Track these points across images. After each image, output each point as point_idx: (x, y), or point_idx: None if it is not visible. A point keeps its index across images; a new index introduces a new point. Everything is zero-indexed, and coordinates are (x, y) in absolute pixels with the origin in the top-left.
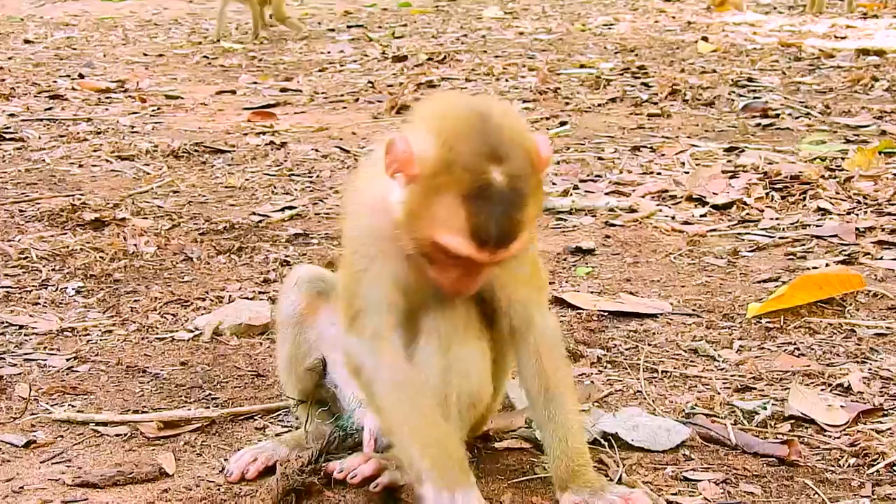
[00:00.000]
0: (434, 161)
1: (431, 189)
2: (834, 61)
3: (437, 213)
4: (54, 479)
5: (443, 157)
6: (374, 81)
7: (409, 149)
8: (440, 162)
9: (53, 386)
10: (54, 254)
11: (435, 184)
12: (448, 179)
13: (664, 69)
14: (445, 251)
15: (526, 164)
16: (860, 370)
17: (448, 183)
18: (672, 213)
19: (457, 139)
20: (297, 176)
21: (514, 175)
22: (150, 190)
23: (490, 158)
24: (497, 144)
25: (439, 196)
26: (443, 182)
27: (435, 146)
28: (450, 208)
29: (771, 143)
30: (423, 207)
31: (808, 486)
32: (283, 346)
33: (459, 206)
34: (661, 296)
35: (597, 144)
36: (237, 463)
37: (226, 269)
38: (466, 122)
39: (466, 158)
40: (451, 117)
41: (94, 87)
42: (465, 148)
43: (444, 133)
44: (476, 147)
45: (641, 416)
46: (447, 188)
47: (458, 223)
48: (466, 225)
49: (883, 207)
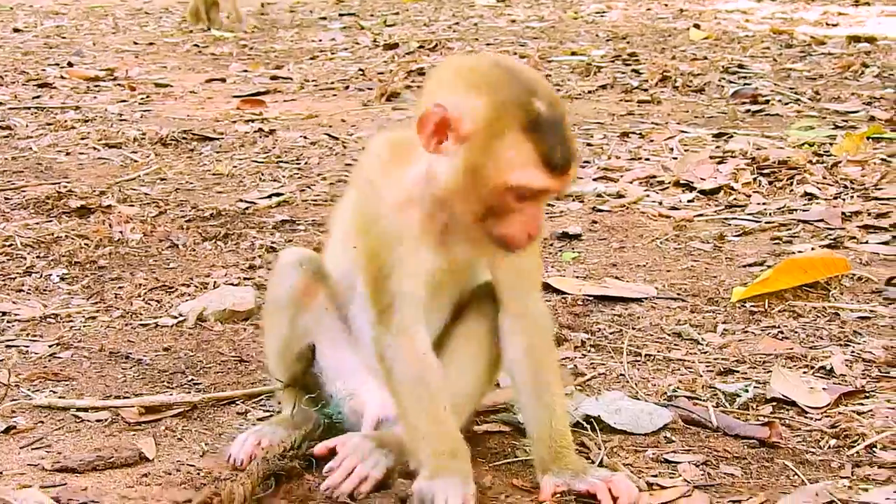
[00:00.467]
0: (485, 109)
1: (490, 136)
2: (825, 48)
3: (502, 155)
4: (34, 465)
5: (492, 102)
6: (365, 69)
7: (451, 110)
8: (491, 107)
9: (35, 372)
10: (39, 241)
11: (493, 130)
12: (505, 120)
13: (655, 56)
14: (518, 192)
15: (553, 91)
16: (843, 353)
17: (505, 124)
18: (660, 198)
19: (496, 84)
20: (285, 163)
21: (552, 102)
22: (137, 177)
23: (529, 93)
24: (527, 80)
25: (500, 139)
26: (500, 125)
27: (479, 96)
28: (515, 145)
29: (760, 129)
30: (485, 158)
31: (789, 467)
32: (275, 328)
33: (524, 140)
34: (647, 280)
35: (586, 131)
36: (243, 447)
37: (211, 255)
38: (492, 69)
39: (513, 96)
40: (476, 71)
41: (82, 76)
42: (507, 89)
43: (481, 83)
44: (515, 85)
45: (624, 399)
46: (507, 129)
47: (527, 156)
48: (536, 154)
49: (869, 192)
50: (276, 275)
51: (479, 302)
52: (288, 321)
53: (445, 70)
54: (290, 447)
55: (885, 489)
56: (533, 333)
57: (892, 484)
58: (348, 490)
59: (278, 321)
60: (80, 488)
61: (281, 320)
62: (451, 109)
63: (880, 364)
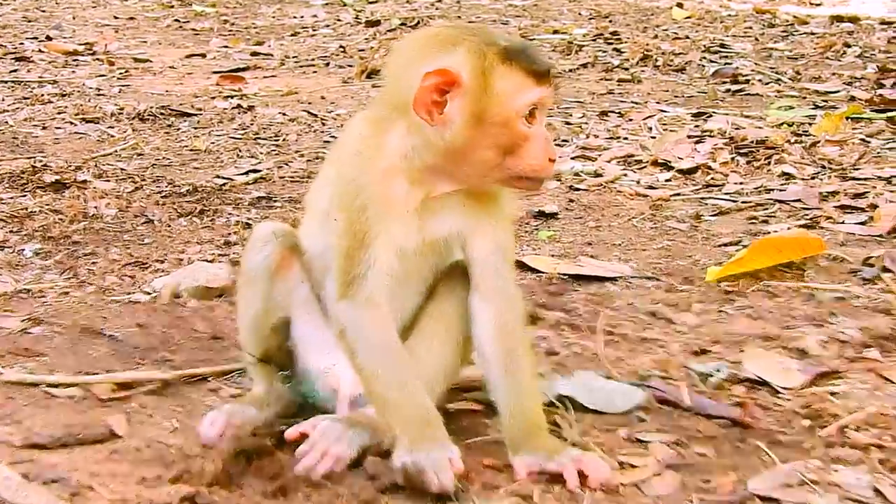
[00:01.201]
0: (470, 58)
1: (484, 77)
2: (807, 28)
3: (500, 88)
4: (2, 441)
5: (472, 50)
6: (346, 46)
7: (448, 69)
8: (476, 55)
9: (6, 348)
10: (12, 216)
11: (484, 71)
12: (490, 60)
13: (637, 35)
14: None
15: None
16: (818, 334)
17: (490, 61)
18: (637, 177)
19: (461, 37)
20: (264, 139)
21: (506, 33)
22: (113, 153)
23: (487, 34)
24: (477, 27)
25: (492, 76)
26: (488, 66)
27: (458, 51)
28: (506, 74)
29: (739, 108)
30: (487, 97)
31: (760, 447)
32: (250, 300)
33: (510, 67)
34: (622, 259)
35: (565, 109)
36: (214, 426)
37: (187, 231)
38: (448, 30)
39: (487, 41)
40: (438, 36)
41: (61, 50)
42: (478, 37)
43: (449, 42)
44: (482, 33)
45: (597, 379)
46: (494, 64)
47: (518, 77)
48: (523, 73)
49: (847, 172)
50: (252, 247)
51: (451, 281)
52: (263, 293)
53: (408, 47)
54: (262, 425)
55: (857, 470)
56: (504, 313)
57: (864, 465)
58: (323, 471)
59: (253, 293)
60: (50, 464)
61: (255, 292)
62: (448, 70)
63: (855, 345)
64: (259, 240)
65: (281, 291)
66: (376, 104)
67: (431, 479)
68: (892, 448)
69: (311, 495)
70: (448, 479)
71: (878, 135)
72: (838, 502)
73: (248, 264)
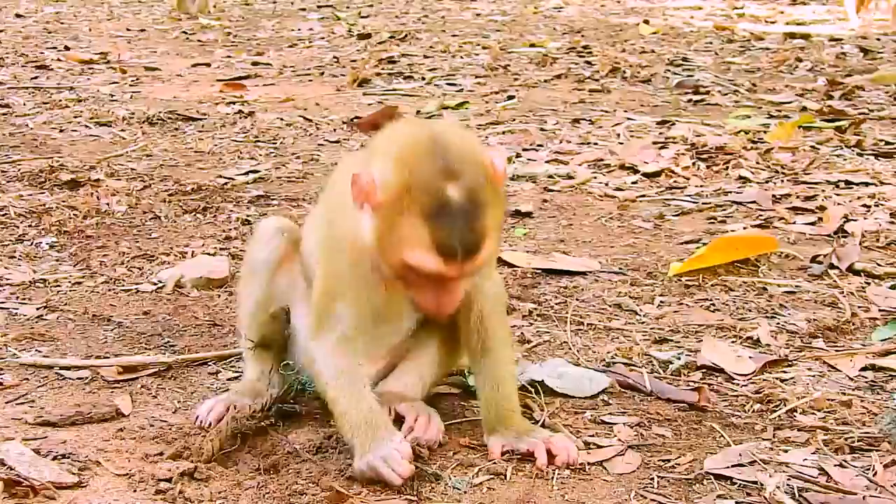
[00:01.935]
0: (394, 186)
1: (395, 212)
2: (763, 43)
3: (403, 234)
4: (17, 419)
5: (401, 181)
6: (339, 57)
7: (372, 179)
8: (399, 186)
9: (23, 333)
10: (31, 211)
11: (398, 207)
12: (409, 201)
13: (607, 49)
14: (417, 270)
15: (480, 178)
16: (769, 324)
17: (409, 204)
18: (606, 179)
19: (412, 162)
20: (263, 142)
21: (470, 189)
22: (124, 153)
23: (445, 177)
24: (451, 163)
25: (403, 218)
26: (404, 204)
27: (393, 172)
28: (413, 228)
29: (700, 117)
30: (390, 231)
31: (715, 429)
32: (252, 290)
33: (422, 225)
34: (592, 255)
35: (540, 117)
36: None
37: (191, 227)
38: (420, 145)
39: (423, 179)
40: (405, 143)
41: (78, 59)
42: (420, 169)
43: (401, 158)
44: (431, 167)
45: (566, 365)
46: (409, 209)
47: (424, 241)
48: (431, 242)
49: (799, 176)
50: (258, 238)
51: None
52: (265, 282)
53: (387, 134)
54: (260, 409)
55: (804, 450)
56: (485, 303)
57: (811, 446)
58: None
59: (255, 282)
60: (60, 441)
61: (258, 281)
62: (371, 178)
63: (803, 335)
64: (265, 233)
65: (283, 282)
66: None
67: (389, 475)
68: (836, 430)
69: (301, 471)
70: (402, 468)
71: (827, 142)
72: (786, 480)
73: (253, 256)
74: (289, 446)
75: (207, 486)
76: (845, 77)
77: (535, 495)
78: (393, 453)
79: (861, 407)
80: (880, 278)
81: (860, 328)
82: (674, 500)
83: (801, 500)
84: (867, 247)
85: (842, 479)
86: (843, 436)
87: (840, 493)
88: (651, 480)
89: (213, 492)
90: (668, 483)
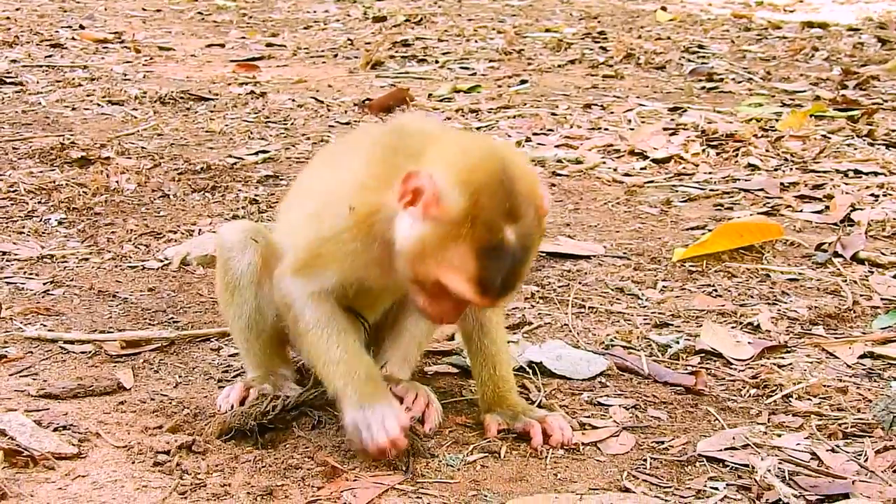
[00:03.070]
0: (457, 210)
1: (449, 235)
2: (780, 32)
3: (449, 257)
4: (20, 391)
5: (467, 209)
6: (354, 39)
7: (436, 189)
8: (464, 213)
9: (29, 307)
10: (41, 188)
11: (454, 232)
12: (468, 232)
13: (622, 35)
14: (445, 289)
15: (535, 222)
16: (770, 311)
17: (467, 235)
18: (615, 165)
19: (481, 192)
20: (273, 123)
21: (525, 234)
22: (136, 132)
23: (507, 217)
24: (515, 203)
25: (455, 244)
26: (462, 233)
27: (460, 194)
28: (463, 258)
29: (713, 104)
30: (435, 248)
31: (711, 413)
32: (241, 310)
33: (473, 258)
34: (597, 239)
35: (552, 101)
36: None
37: (199, 205)
38: (492, 175)
39: (488, 215)
40: (476, 167)
41: (92, 38)
42: (488, 204)
43: (470, 183)
44: (498, 205)
45: (565, 347)
46: (465, 239)
47: (468, 273)
48: (476, 276)
49: (808, 165)
50: (229, 254)
51: None
52: (251, 299)
53: (457, 143)
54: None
55: (797, 435)
56: None
57: (804, 431)
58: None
59: (240, 300)
60: (61, 413)
61: (245, 299)
62: (435, 188)
63: (803, 322)
64: (235, 247)
65: (268, 294)
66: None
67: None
68: (830, 416)
69: (297, 446)
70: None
71: (838, 131)
72: (778, 464)
73: (231, 275)
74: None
75: (205, 458)
76: (861, 67)
77: (528, 474)
78: (391, 421)
79: (857, 394)
80: (884, 267)
81: (861, 316)
82: (665, 481)
83: (792, 484)
84: (873, 236)
85: (833, 464)
86: (837, 422)
87: (830, 478)
88: (644, 461)
89: (210, 465)
90: (661, 464)
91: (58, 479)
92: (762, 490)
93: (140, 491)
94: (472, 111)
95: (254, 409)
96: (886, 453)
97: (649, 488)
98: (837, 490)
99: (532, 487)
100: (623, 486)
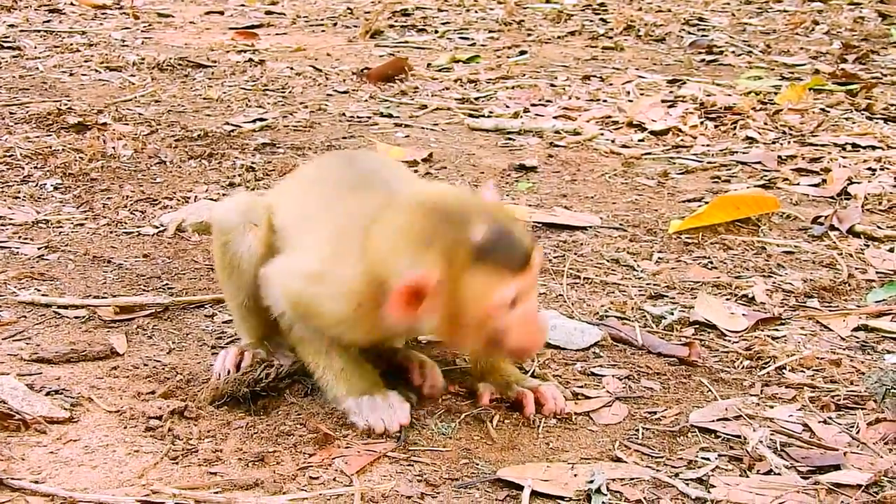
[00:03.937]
0: (442, 264)
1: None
2: (781, 5)
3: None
4: (13, 355)
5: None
6: (353, 8)
7: (416, 277)
8: (446, 259)
9: (23, 272)
10: (37, 153)
11: (456, 276)
12: (462, 261)
13: (623, 7)
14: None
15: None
16: (765, 283)
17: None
18: (612, 136)
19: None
20: (271, 91)
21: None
22: (133, 98)
23: (463, 224)
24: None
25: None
26: (459, 269)
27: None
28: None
29: (712, 77)
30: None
31: (704, 384)
32: (239, 289)
33: (486, 265)
34: (593, 211)
35: (551, 73)
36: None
37: (196, 172)
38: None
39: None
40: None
41: (91, 3)
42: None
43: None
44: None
45: (560, 317)
46: (466, 268)
47: (495, 275)
48: (503, 268)
49: (806, 138)
50: (228, 237)
51: None
52: (251, 279)
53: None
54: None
55: (789, 407)
56: None
57: (796, 402)
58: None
59: (239, 282)
60: (54, 377)
61: (244, 281)
62: (414, 279)
63: (798, 294)
64: (235, 229)
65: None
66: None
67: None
68: (822, 388)
69: (290, 413)
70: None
71: (837, 105)
72: (769, 435)
73: (231, 255)
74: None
75: (196, 424)
76: (861, 41)
77: (520, 443)
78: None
79: (850, 366)
80: (880, 241)
81: (856, 289)
82: (657, 451)
83: (783, 455)
84: (869, 209)
85: (824, 436)
86: (830, 394)
87: (822, 449)
88: (636, 431)
89: (201, 430)
90: (653, 434)
91: (49, 442)
92: (753, 461)
93: (131, 455)
94: (471, 81)
95: (247, 377)
96: (878, 425)
97: (641, 458)
98: (829, 461)
99: (524, 456)
100: (615, 456)
